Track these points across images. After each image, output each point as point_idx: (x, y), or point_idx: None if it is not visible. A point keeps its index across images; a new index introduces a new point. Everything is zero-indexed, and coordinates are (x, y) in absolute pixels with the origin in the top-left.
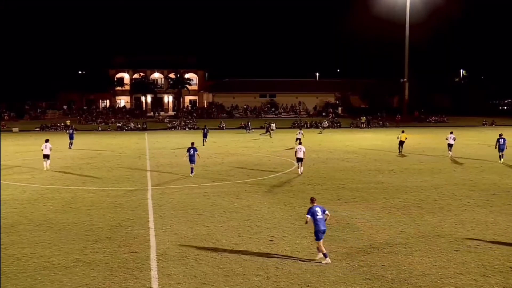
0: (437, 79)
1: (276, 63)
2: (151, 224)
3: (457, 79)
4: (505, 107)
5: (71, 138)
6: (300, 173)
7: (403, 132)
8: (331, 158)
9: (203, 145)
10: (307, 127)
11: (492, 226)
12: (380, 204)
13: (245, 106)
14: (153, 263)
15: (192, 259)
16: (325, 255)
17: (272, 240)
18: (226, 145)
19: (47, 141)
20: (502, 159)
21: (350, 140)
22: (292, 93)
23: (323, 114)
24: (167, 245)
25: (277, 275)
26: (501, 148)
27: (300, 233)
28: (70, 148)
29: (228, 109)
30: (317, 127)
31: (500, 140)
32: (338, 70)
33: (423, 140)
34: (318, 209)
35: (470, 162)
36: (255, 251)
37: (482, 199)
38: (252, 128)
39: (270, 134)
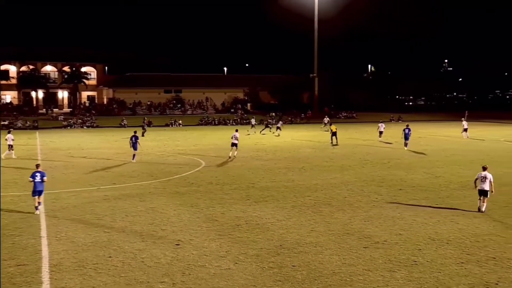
0: (347, 75)
1: (181, 57)
2: (43, 233)
3: (365, 75)
4: (410, 103)
5: None
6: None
7: (331, 124)
8: (240, 156)
9: (143, 135)
10: (215, 124)
11: (398, 221)
12: (291, 203)
13: (148, 103)
14: (45, 276)
15: (90, 268)
16: (36, 208)
17: (178, 244)
18: (128, 145)
19: None
20: (406, 147)
21: (260, 138)
22: (198, 88)
23: (232, 110)
24: (62, 254)
25: (184, 281)
26: (406, 137)
27: (208, 236)
28: None
29: (131, 106)
30: (225, 124)
31: (406, 130)
32: (247, 65)
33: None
34: (38, 174)
35: (379, 158)
36: (160, 257)
37: (389, 195)
38: (255, 123)
39: (270, 129)
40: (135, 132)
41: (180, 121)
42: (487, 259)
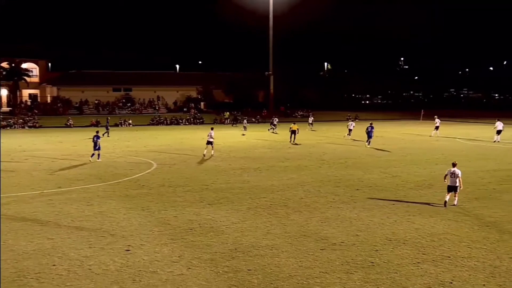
0: (303, 72)
1: (131, 54)
2: None
3: (321, 73)
4: (367, 102)
5: None
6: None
7: (294, 123)
8: (193, 157)
9: (108, 136)
10: (167, 124)
11: (355, 222)
12: (246, 205)
13: (96, 101)
14: None
15: (32, 278)
16: None
17: (128, 250)
18: (74, 146)
19: None
20: (369, 145)
21: (214, 137)
22: (149, 86)
23: (184, 109)
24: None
25: None
26: (369, 135)
27: (160, 240)
28: None
29: (77, 105)
30: (177, 123)
31: (369, 128)
32: (200, 62)
33: (289, 137)
34: None
35: (336, 158)
36: (108, 264)
37: (346, 195)
38: (275, 124)
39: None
40: (97, 132)
41: (130, 121)
42: (442, 258)
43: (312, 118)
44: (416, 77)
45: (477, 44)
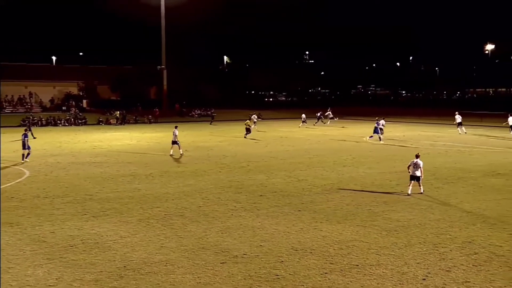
0: (201, 67)
1: None
2: None
3: (221, 67)
4: (271, 99)
5: None
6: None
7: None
8: (74, 163)
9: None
10: (42, 125)
11: (259, 231)
12: (137, 216)
13: None
14: None
15: None
16: None
17: None
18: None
19: None
20: (380, 140)
21: (99, 140)
22: (19, 81)
23: (63, 108)
24: None
25: None
26: (376, 131)
27: (34, 261)
28: None
29: None
30: (55, 124)
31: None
32: (81, 54)
33: (186, 138)
34: None
35: (237, 161)
36: None
37: (249, 202)
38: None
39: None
40: (25, 130)
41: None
42: (350, 267)
43: (256, 116)
44: (323, 73)
45: (384, 39)
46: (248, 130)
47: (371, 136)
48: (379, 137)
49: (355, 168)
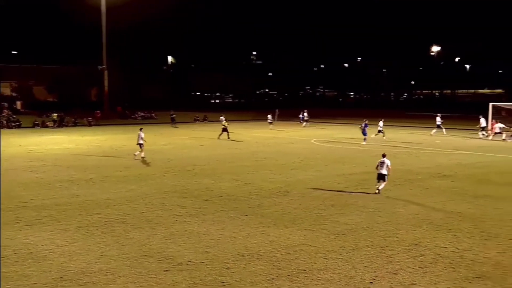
0: (143, 67)
1: None
2: None
3: (165, 67)
4: (217, 100)
5: None
6: None
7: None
8: (8, 169)
9: None
10: None
11: (204, 237)
12: (75, 224)
13: None
14: None
15: None
16: None
17: None
18: None
19: None
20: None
21: (35, 144)
22: None
23: None
24: None
25: None
26: (364, 133)
27: None
28: None
29: None
30: None
31: (363, 125)
32: (15, 52)
33: (128, 142)
34: None
35: (182, 165)
36: None
37: (194, 207)
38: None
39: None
40: None
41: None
42: (298, 272)
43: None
44: (270, 73)
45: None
46: (225, 130)
47: (365, 139)
48: (364, 139)
49: (303, 171)
